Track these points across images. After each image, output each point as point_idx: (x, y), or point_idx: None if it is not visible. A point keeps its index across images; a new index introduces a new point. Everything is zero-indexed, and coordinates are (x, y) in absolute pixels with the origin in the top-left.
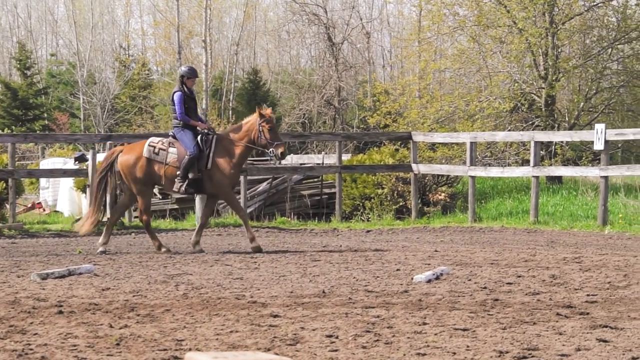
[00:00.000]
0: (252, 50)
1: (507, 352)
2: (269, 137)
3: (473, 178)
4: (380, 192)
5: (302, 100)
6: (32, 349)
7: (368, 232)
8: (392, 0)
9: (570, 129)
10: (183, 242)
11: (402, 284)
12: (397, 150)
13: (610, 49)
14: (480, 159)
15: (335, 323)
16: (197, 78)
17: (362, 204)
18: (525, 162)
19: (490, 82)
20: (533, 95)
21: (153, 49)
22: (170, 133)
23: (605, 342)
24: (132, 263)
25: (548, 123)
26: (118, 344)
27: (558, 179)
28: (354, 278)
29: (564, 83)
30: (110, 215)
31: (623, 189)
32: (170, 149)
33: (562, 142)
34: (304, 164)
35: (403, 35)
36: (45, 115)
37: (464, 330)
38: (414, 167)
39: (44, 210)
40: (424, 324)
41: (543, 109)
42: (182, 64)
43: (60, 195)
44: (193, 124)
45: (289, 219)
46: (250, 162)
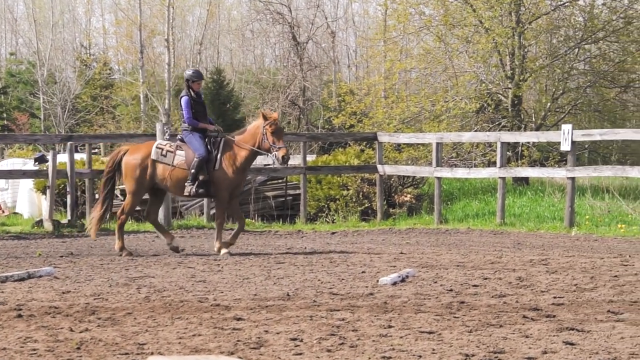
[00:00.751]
0: (215, 50)
1: (473, 355)
2: (272, 140)
3: (439, 179)
4: (346, 193)
5: (266, 100)
6: None
7: (333, 234)
8: None
9: (537, 130)
10: (145, 244)
11: (367, 287)
12: (362, 151)
13: (577, 49)
14: (447, 160)
15: (300, 326)
16: (202, 80)
17: (327, 206)
18: (492, 163)
19: (457, 82)
20: (500, 96)
21: (115, 48)
22: (179, 137)
23: (572, 344)
24: (93, 266)
25: (515, 124)
26: (78, 348)
27: (525, 180)
28: (319, 280)
29: (531, 83)
30: (149, 219)
31: (590, 190)
32: (178, 152)
33: (528, 142)
34: (268, 165)
35: (368, 35)
36: (5, 116)
37: (430, 333)
38: (380, 168)
39: (3, 212)
40: (390, 327)
41: (510, 110)
42: (144, 63)
43: (20, 197)
44: (202, 127)
45: (253, 221)
46: None
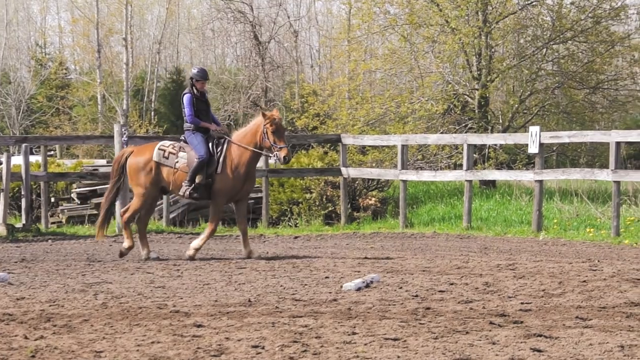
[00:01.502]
0: (175, 49)
1: None
2: (273, 139)
3: (404, 182)
4: (309, 196)
5: (227, 101)
6: None
7: (296, 238)
8: None
9: (504, 132)
10: (102, 249)
11: (331, 292)
12: (326, 154)
13: (545, 49)
14: (412, 163)
15: (262, 333)
16: (207, 80)
17: (289, 209)
18: (458, 165)
19: (422, 82)
20: (466, 97)
21: (71, 47)
22: (182, 137)
23: (540, 351)
24: (48, 271)
25: (481, 125)
26: (33, 356)
27: (492, 183)
28: (281, 286)
29: (498, 84)
30: (138, 224)
31: (558, 194)
32: (180, 154)
33: (495, 145)
34: None
35: (332, 34)
36: None
37: (395, 340)
38: (344, 170)
39: None
40: (354, 334)
41: (476, 111)
42: (101, 63)
43: None
44: (204, 126)
45: None
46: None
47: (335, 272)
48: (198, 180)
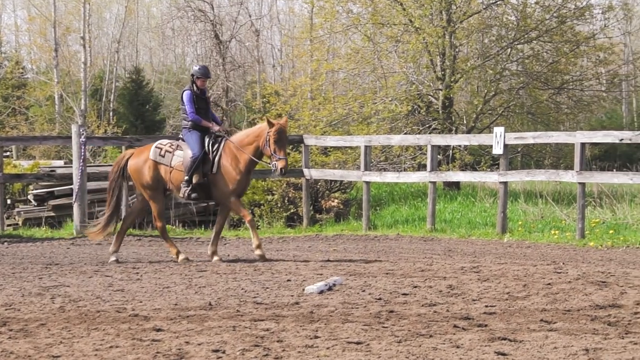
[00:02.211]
0: (134, 48)
1: None
2: (274, 148)
3: (368, 184)
4: (270, 198)
5: None
6: None
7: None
8: None
9: (469, 133)
10: (59, 251)
11: (292, 296)
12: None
13: (510, 49)
14: (375, 164)
15: (222, 337)
16: (209, 78)
17: (251, 211)
18: (422, 166)
19: (386, 83)
20: (430, 97)
21: (27, 46)
22: (180, 136)
23: (504, 355)
24: (4, 274)
25: (446, 126)
26: None
27: (456, 185)
28: (242, 289)
29: (462, 84)
30: (122, 222)
31: (523, 195)
32: (177, 152)
33: (460, 146)
34: None
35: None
36: None
37: (358, 344)
38: (306, 172)
39: None
40: (316, 338)
41: (440, 112)
42: (58, 62)
43: None
44: (204, 125)
45: (174, 227)
46: None
47: (298, 275)
48: (195, 180)
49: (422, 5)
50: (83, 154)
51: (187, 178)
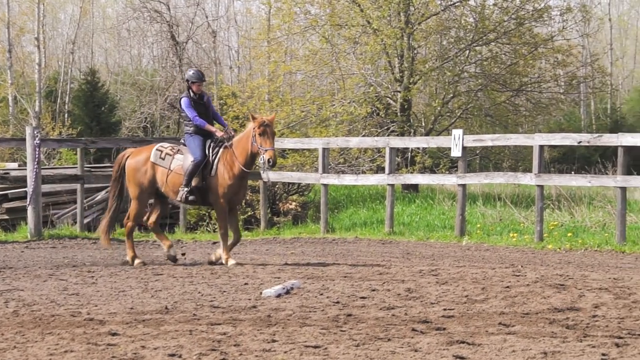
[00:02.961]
0: (89, 49)
1: None
2: (260, 142)
3: (326, 186)
4: None
5: (143, 103)
6: None
7: (214, 243)
8: None
9: (427, 135)
10: (13, 255)
11: (250, 299)
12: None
13: (468, 51)
14: (334, 166)
15: (179, 341)
16: (204, 82)
17: (208, 214)
18: (381, 169)
19: (344, 85)
20: (389, 99)
21: None
22: (182, 140)
23: (462, 358)
24: None
25: (404, 128)
26: None
27: (414, 187)
28: (199, 293)
29: (421, 86)
30: (151, 227)
31: (481, 198)
32: (177, 155)
33: (418, 148)
34: None
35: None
36: None
37: (315, 348)
38: (263, 174)
39: None
40: (273, 341)
41: (399, 114)
42: (12, 63)
43: None
44: (207, 129)
45: None
46: (88, 169)
47: (255, 278)
48: (194, 183)
49: (380, 7)
50: (37, 156)
51: (186, 182)
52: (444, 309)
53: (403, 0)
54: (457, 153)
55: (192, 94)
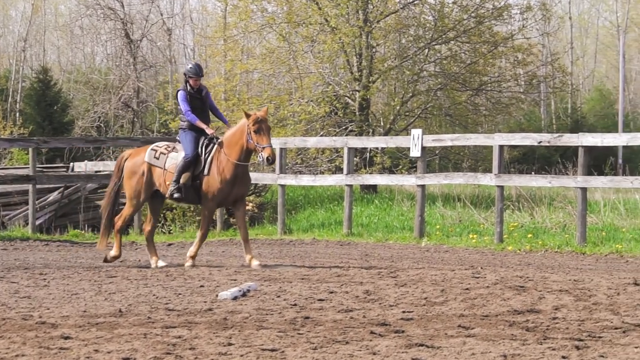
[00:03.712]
0: (41, 47)
1: None
2: (256, 139)
3: (283, 187)
4: None
5: (97, 102)
6: None
7: (169, 245)
8: None
9: (386, 135)
10: None
11: (206, 302)
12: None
13: (427, 50)
14: (291, 167)
15: (133, 344)
16: (201, 76)
17: (163, 215)
18: (339, 169)
19: (302, 84)
20: (347, 99)
21: None
22: (177, 137)
23: None
24: None
25: (363, 128)
26: None
27: (373, 188)
28: (154, 295)
29: (380, 85)
30: (145, 231)
31: (441, 199)
32: (171, 154)
33: (377, 148)
34: (100, 172)
35: (207, 33)
36: None
37: (272, 351)
38: None
39: None
40: (229, 345)
41: (357, 113)
42: None
43: None
44: (199, 125)
45: (83, 232)
46: (40, 169)
47: (211, 280)
48: (183, 181)
49: (338, 5)
50: None
51: (175, 178)
52: (403, 312)
53: None
54: (416, 153)
55: (189, 88)
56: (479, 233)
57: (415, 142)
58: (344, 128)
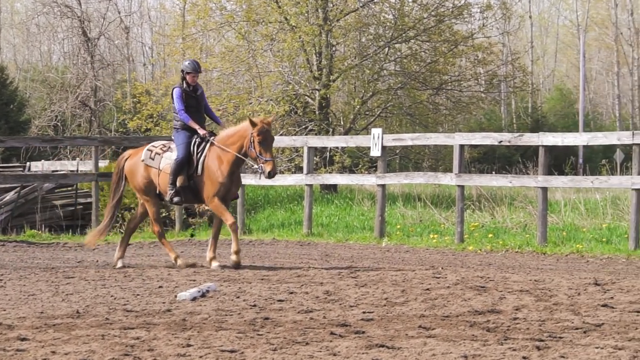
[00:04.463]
0: None
1: None
2: (259, 150)
3: (242, 186)
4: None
5: (54, 101)
6: None
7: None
8: None
9: (346, 134)
10: None
11: (164, 303)
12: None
13: (387, 48)
14: (250, 166)
15: (91, 346)
16: (199, 73)
17: (121, 215)
18: (299, 169)
19: (261, 83)
20: (307, 98)
21: None
22: (173, 136)
23: None
24: None
25: (322, 127)
26: None
27: (333, 188)
28: (112, 296)
29: (340, 84)
30: (126, 227)
31: (401, 198)
32: (165, 154)
33: (337, 148)
34: (57, 172)
35: (166, 31)
36: None
37: (232, 352)
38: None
39: None
40: (188, 346)
41: (317, 112)
42: None
43: None
44: (191, 125)
45: (40, 232)
46: None
47: (170, 281)
48: (179, 183)
49: (297, 3)
50: None
51: (171, 181)
52: (363, 312)
53: None
54: (376, 153)
55: (185, 86)
56: (440, 233)
57: (376, 141)
58: (304, 127)
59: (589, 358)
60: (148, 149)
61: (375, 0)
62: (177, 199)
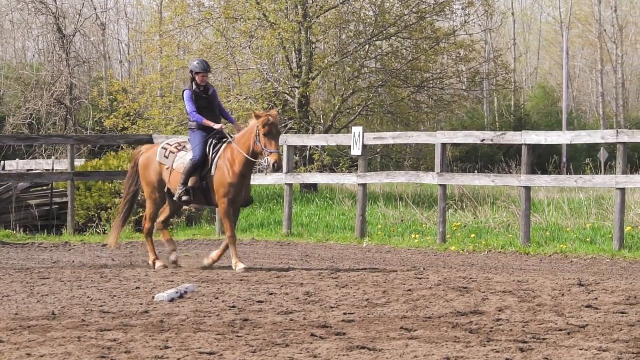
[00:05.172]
0: None
1: None
2: (264, 143)
3: None
4: (119, 201)
5: (29, 99)
6: None
7: (104, 246)
8: None
9: (326, 133)
10: None
11: (142, 304)
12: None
13: (368, 46)
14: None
15: (67, 348)
16: (208, 72)
17: (97, 215)
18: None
19: (240, 80)
20: (287, 96)
21: None
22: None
23: None
24: None
25: (302, 126)
26: None
27: (314, 187)
28: (88, 298)
29: (320, 82)
30: (162, 222)
31: (383, 198)
32: (179, 153)
33: (317, 146)
34: (32, 171)
35: (143, 28)
36: None
37: (210, 355)
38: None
39: None
40: (166, 348)
41: (297, 111)
42: None
43: None
44: (206, 124)
45: (15, 232)
46: None
47: (147, 282)
48: (191, 184)
49: (277, 0)
50: None
51: (183, 181)
52: (344, 314)
53: None
54: (357, 151)
55: (195, 86)
56: (422, 233)
57: (356, 140)
58: (284, 126)
59: None
60: (163, 147)
61: None
62: (186, 198)
